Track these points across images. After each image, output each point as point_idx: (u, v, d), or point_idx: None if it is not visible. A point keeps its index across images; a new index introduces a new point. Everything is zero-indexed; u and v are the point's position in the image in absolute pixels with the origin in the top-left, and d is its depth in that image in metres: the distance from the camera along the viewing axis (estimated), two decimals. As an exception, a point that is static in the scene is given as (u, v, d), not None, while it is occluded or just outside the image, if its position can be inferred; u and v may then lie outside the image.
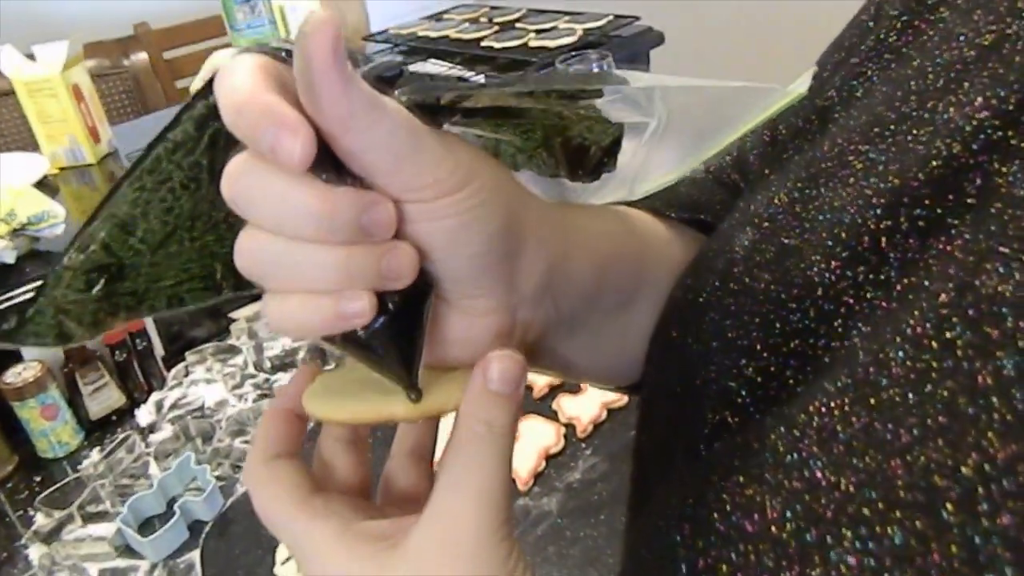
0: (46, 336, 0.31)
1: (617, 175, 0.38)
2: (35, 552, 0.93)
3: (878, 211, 0.30)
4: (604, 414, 0.98)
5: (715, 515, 0.28)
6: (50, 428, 1.06)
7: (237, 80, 0.25)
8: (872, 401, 0.25)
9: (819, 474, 0.25)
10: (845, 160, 0.33)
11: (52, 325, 0.31)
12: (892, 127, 0.32)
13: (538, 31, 1.68)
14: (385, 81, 0.27)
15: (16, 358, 1.07)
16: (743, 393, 0.32)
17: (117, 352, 1.12)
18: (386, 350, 0.28)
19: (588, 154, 0.37)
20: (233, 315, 1.28)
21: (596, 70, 1.36)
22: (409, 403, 0.29)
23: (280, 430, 0.33)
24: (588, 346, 0.40)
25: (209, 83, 0.26)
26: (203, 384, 1.17)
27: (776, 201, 0.36)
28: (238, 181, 0.26)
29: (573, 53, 1.42)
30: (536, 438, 0.95)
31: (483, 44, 1.68)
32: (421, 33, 1.82)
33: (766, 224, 0.35)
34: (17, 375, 1.04)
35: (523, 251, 0.32)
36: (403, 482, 0.36)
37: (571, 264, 0.35)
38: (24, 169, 1.39)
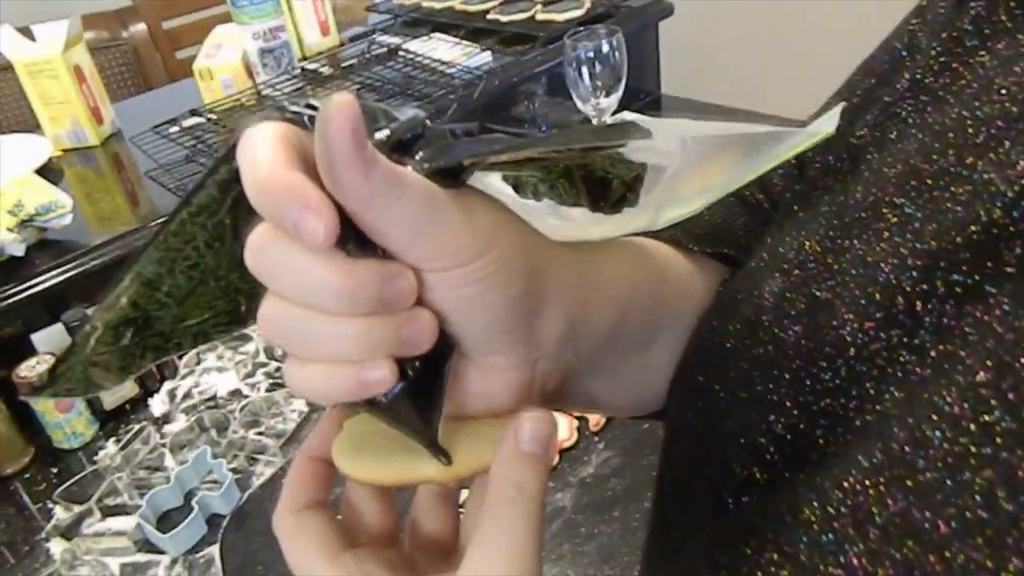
0: (76, 389, 0.32)
1: (640, 205, 0.38)
2: (56, 546, 0.94)
3: (914, 273, 0.29)
4: (616, 406, 0.99)
5: None
6: (65, 420, 1.07)
7: (259, 155, 0.25)
8: (908, 483, 0.25)
9: (855, 561, 0.25)
10: (879, 212, 0.32)
11: (81, 379, 0.32)
12: (929, 182, 0.31)
13: (545, 3, 1.64)
14: (405, 145, 0.27)
15: (29, 352, 1.07)
16: (772, 450, 0.32)
17: (129, 342, 1.13)
18: (406, 412, 0.29)
19: (610, 187, 0.36)
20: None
21: (605, 47, 1.34)
22: (441, 466, 0.30)
23: (308, 480, 0.33)
24: (607, 386, 0.40)
25: (232, 147, 0.26)
26: (215, 372, 1.17)
27: (807, 248, 0.35)
28: (261, 253, 0.26)
29: (581, 28, 1.39)
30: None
31: (489, 17, 1.65)
32: (425, 4, 1.78)
33: (796, 272, 0.35)
34: (31, 369, 1.04)
35: (544, 309, 0.32)
36: (430, 526, 0.36)
37: (592, 313, 0.35)
38: (27, 152, 1.38)
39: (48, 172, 1.36)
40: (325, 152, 0.24)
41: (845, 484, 0.27)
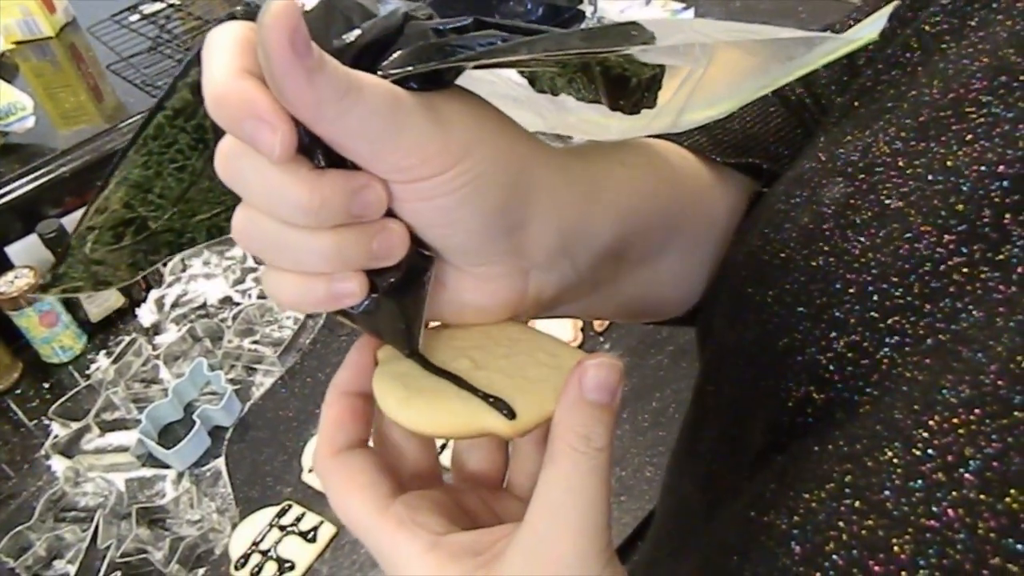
0: (83, 285, 0.32)
1: (659, 107, 0.35)
2: (58, 464, 0.93)
3: (1004, 183, 0.27)
4: (621, 306, 0.97)
5: (831, 544, 0.26)
6: (51, 334, 1.03)
7: (215, 63, 0.24)
8: (1005, 422, 0.23)
9: (951, 512, 0.23)
10: (961, 112, 0.29)
11: (86, 276, 0.32)
12: (1022, 78, 0.28)
13: None
14: (380, 46, 0.26)
15: (5, 266, 1.02)
16: (831, 368, 0.30)
17: (110, 252, 1.08)
18: (383, 322, 0.29)
19: (629, 85, 0.34)
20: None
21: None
22: (505, 419, 0.28)
23: (347, 419, 0.31)
24: (613, 295, 0.38)
25: (201, 49, 0.25)
26: (203, 279, 1.13)
27: (874, 150, 0.32)
28: (228, 164, 0.25)
29: None
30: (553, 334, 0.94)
31: None
32: None
33: (862, 176, 0.32)
34: (10, 284, 0.99)
35: (531, 222, 0.30)
36: (474, 461, 0.34)
37: (592, 225, 0.32)
38: (-23, 47, 1.28)
39: (2, 68, 1.27)
40: (264, 59, 0.22)
41: (931, 423, 0.24)
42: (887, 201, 0.30)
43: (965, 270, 0.27)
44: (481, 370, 0.30)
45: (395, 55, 0.26)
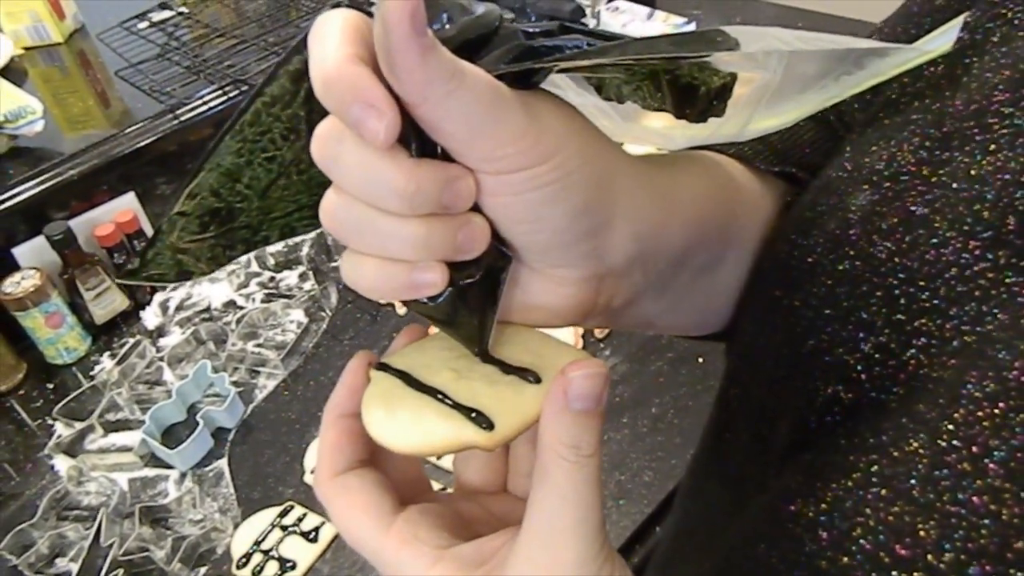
0: (167, 274, 0.33)
1: (727, 115, 0.35)
2: (61, 463, 0.94)
3: None
4: (622, 313, 0.98)
5: (858, 529, 0.26)
6: (56, 336, 1.04)
7: (326, 47, 0.24)
8: None
9: (976, 499, 0.24)
10: (984, 123, 0.30)
11: (172, 264, 0.33)
12: None
13: None
14: (475, 44, 0.27)
15: (12, 267, 1.03)
16: (859, 368, 0.30)
17: (116, 254, 1.09)
18: (456, 317, 0.29)
19: (697, 94, 0.34)
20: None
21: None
22: (484, 431, 0.28)
23: (344, 441, 0.31)
24: (673, 305, 0.38)
25: (304, 37, 0.26)
26: (207, 283, 1.14)
27: (899, 159, 0.33)
28: (325, 146, 0.26)
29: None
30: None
31: None
32: None
33: (887, 184, 0.32)
34: (16, 285, 1.00)
35: (611, 225, 0.30)
36: (473, 472, 0.34)
37: (663, 232, 0.33)
38: (-14, 52, 1.29)
39: (9, 73, 1.28)
40: (381, 34, 0.23)
41: (956, 416, 0.25)
42: (912, 208, 0.31)
43: (991, 275, 0.27)
44: (463, 380, 0.29)
45: (492, 53, 0.26)
